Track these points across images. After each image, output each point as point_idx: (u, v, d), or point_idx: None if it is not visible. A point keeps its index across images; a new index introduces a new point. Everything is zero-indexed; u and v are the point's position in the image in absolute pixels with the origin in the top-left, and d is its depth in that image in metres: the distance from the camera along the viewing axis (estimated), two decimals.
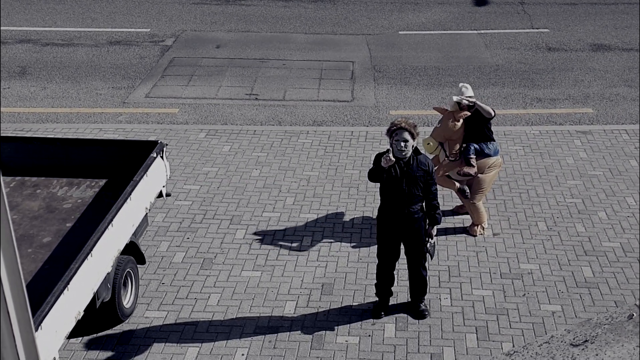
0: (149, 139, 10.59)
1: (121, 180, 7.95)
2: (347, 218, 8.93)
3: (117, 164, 8.11)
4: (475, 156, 8.38)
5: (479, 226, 8.58)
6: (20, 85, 12.89)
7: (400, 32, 15.80)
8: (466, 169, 8.31)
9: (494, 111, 8.27)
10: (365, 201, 9.28)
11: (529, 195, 9.42)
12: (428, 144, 8.46)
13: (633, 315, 2.17)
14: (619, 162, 10.23)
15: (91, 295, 6.29)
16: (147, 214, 7.64)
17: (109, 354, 6.74)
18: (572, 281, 7.77)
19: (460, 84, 8.53)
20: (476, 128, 8.36)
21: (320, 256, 8.20)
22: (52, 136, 10.56)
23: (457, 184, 8.60)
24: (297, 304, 7.43)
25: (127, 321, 7.15)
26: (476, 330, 7.05)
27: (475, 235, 8.56)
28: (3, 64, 13.73)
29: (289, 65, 13.99)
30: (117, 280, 6.79)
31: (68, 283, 5.78)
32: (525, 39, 15.38)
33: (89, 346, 6.82)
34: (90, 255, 6.13)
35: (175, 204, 9.18)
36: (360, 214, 9.01)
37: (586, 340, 2.12)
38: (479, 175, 8.40)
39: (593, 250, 8.29)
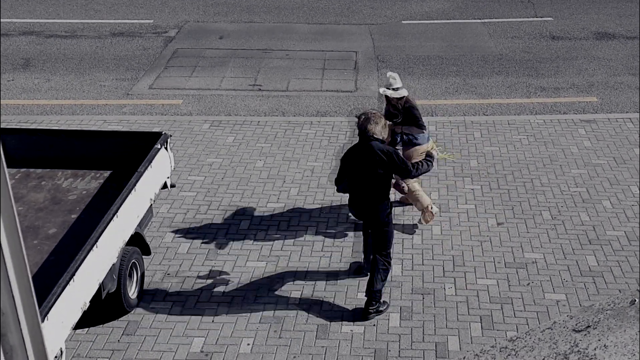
0: (153, 130, 10.60)
1: (126, 171, 7.96)
2: None
3: (122, 156, 8.12)
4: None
5: (427, 212, 8.32)
6: (24, 77, 12.91)
7: (403, 22, 15.76)
8: (396, 188, 7.62)
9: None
10: None
11: (533, 185, 9.42)
12: None
13: (635, 301, 2.18)
14: (623, 151, 10.21)
15: (97, 286, 6.32)
16: (151, 205, 7.66)
17: (115, 344, 6.78)
18: (576, 270, 7.78)
19: (388, 74, 8.30)
20: (409, 122, 8.31)
21: (325, 246, 8.21)
22: (56, 128, 10.58)
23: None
24: (302, 293, 7.45)
25: (132, 312, 7.17)
26: (481, 320, 7.06)
27: (428, 221, 8.32)
28: (7, 56, 13.74)
29: (292, 55, 13.97)
30: (122, 271, 6.82)
31: (74, 274, 5.80)
32: (529, 27, 15.34)
33: (95, 337, 6.86)
34: (95, 246, 6.16)
35: (179, 195, 9.20)
36: None
37: (589, 326, 2.13)
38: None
39: (597, 239, 8.30)
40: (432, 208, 8.34)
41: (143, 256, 7.47)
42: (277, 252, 8.12)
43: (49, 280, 6.12)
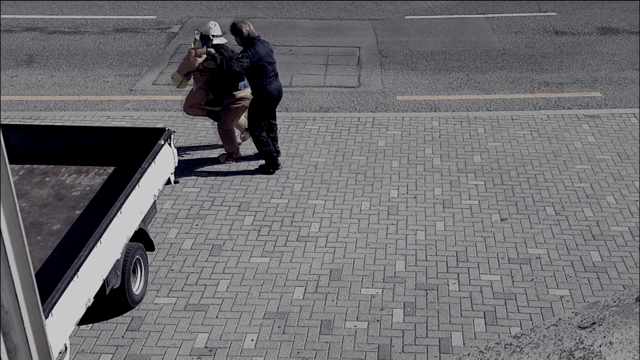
0: (157, 126, 10.60)
1: (129, 167, 7.97)
2: (354, 204, 8.93)
3: (125, 152, 8.13)
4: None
5: (227, 155, 9.73)
6: (27, 74, 12.91)
7: (406, 17, 15.74)
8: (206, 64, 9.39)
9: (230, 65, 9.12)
10: (372, 187, 9.28)
11: (536, 180, 9.41)
12: (172, 77, 9.55)
13: None
14: (627, 146, 10.19)
15: (101, 282, 6.33)
16: (155, 201, 7.66)
17: (119, 340, 6.79)
18: (580, 265, 7.77)
19: (210, 23, 9.61)
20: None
21: (328, 242, 8.21)
22: (60, 124, 10.58)
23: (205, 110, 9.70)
24: (305, 289, 7.46)
25: (136, 308, 7.19)
26: (484, 315, 7.06)
27: (222, 162, 9.72)
28: (10, 52, 13.75)
29: (295, 51, 13.96)
30: (126, 267, 6.83)
31: (78, 270, 5.81)
32: (532, 22, 15.31)
33: (99, 332, 6.87)
34: (99, 242, 6.16)
35: (183, 190, 9.20)
36: (367, 200, 9.01)
37: (594, 323, 2.12)
38: (230, 106, 9.60)
39: (601, 235, 8.28)
40: (234, 155, 9.82)
41: (147, 252, 7.49)
42: (280, 247, 8.12)
43: (53, 277, 6.13)
